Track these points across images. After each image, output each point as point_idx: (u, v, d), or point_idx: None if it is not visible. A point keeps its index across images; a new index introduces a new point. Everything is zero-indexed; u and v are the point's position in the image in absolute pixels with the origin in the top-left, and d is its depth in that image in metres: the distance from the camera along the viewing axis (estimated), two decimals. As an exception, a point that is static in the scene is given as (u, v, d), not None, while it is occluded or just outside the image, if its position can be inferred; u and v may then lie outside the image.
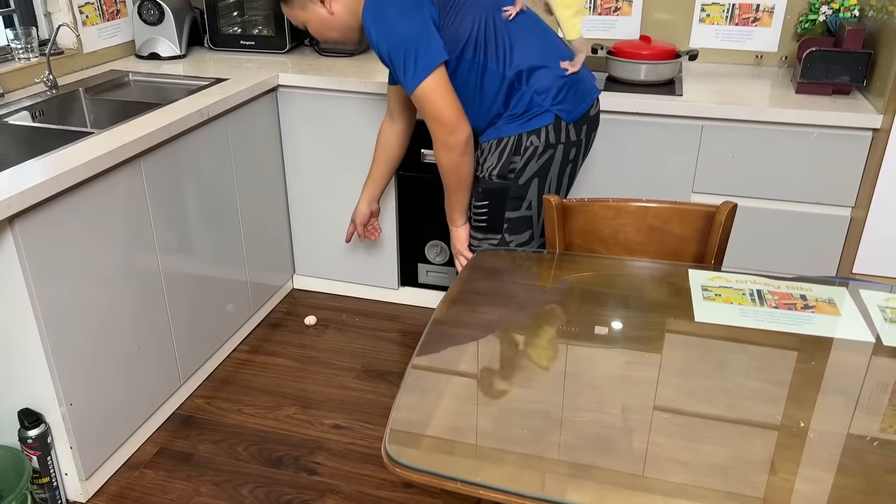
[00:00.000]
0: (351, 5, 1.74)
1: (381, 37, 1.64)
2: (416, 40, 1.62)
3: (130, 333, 1.92)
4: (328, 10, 1.75)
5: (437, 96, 1.66)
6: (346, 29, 1.80)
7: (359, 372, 2.38)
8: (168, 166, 1.99)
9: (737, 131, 2.16)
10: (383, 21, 1.63)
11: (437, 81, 1.65)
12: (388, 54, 1.66)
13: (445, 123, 1.69)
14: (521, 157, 1.78)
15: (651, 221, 1.58)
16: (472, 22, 1.72)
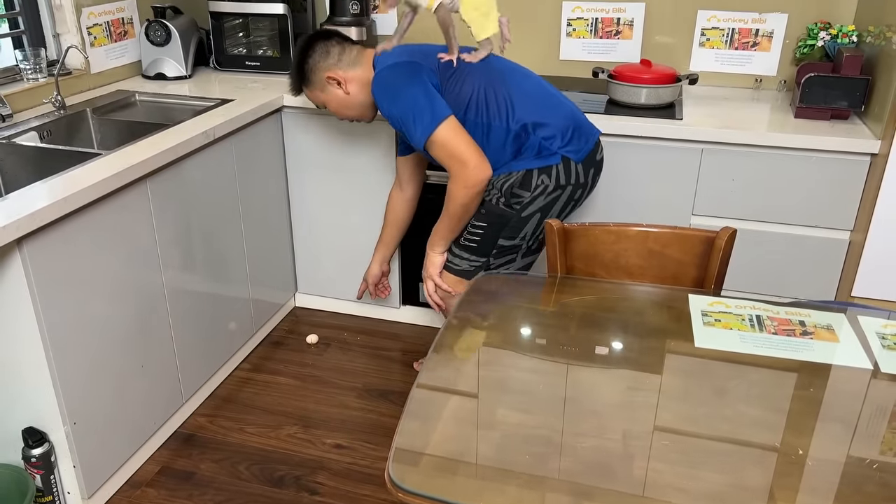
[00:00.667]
0: (364, 85, 1.95)
1: (391, 104, 1.81)
2: (422, 100, 1.78)
3: (134, 352, 1.94)
4: (345, 90, 1.96)
5: (453, 139, 1.78)
6: (361, 106, 2.00)
7: (360, 391, 2.39)
8: (173, 186, 2.01)
9: (736, 155, 2.18)
10: (391, 90, 1.80)
11: (450, 127, 1.78)
12: (399, 118, 1.81)
13: (467, 161, 1.79)
14: (530, 192, 1.87)
15: (651, 246, 1.60)
16: (471, 86, 1.86)
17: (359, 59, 1.97)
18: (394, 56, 1.90)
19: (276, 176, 2.57)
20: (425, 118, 1.77)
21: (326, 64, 1.96)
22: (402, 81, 1.80)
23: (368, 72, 1.95)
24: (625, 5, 2.61)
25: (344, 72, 1.96)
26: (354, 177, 2.55)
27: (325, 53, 1.96)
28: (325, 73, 1.97)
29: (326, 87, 1.98)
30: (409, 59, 1.86)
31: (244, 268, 2.42)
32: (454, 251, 1.99)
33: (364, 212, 2.60)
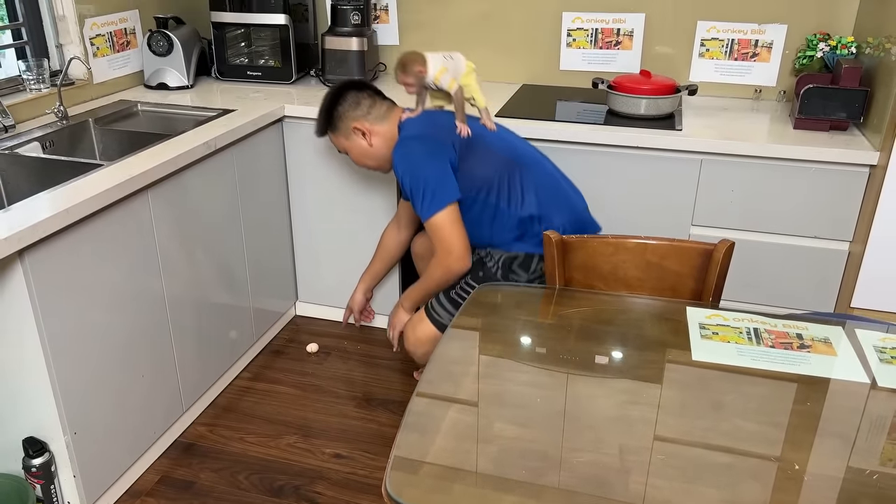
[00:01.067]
0: (387, 140, 2.02)
1: (406, 172, 1.87)
2: (435, 179, 1.85)
3: (135, 362, 1.94)
4: (369, 142, 2.02)
5: (448, 228, 1.86)
6: (381, 159, 2.06)
7: (360, 400, 2.40)
8: (174, 197, 2.02)
9: (736, 166, 2.19)
10: (410, 159, 1.88)
11: (449, 215, 1.86)
12: (409, 189, 1.87)
13: (451, 252, 1.88)
14: (528, 274, 1.97)
15: (649, 258, 1.61)
16: (487, 168, 1.94)
17: (387, 116, 2.03)
18: (420, 126, 1.96)
19: (277, 185, 2.58)
20: (435, 197, 1.85)
21: (355, 114, 2.02)
22: (422, 156, 1.87)
23: (393, 130, 2.02)
24: (625, 16, 2.62)
25: (371, 125, 2.02)
26: (355, 186, 2.56)
27: (355, 104, 2.02)
28: (352, 122, 2.02)
29: (352, 135, 2.04)
30: (433, 133, 1.92)
31: (245, 277, 2.43)
32: (441, 299, 2.01)
33: (365, 221, 2.60)
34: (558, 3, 2.67)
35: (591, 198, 2.33)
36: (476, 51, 2.82)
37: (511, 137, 2.08)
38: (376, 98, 2.05)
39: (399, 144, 1.93)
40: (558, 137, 2.28)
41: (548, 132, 2.28)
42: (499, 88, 2.73)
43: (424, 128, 1.95)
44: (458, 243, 1.87)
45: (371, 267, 2.49)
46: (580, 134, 2.26)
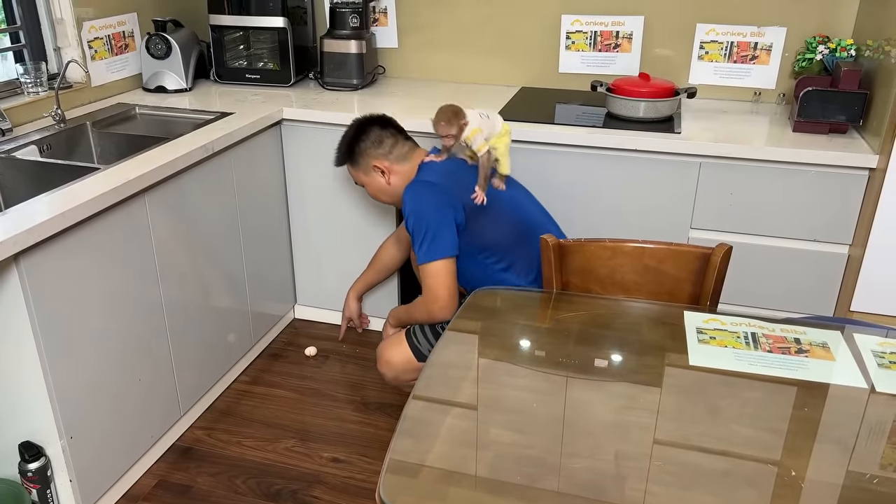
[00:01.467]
0: (406, 180, 2.00)
1: (412, 213, 1.86)
2: (436, 230, 1.84)
3: (132, 366, 1.94)
4: (387, 180, 2.02)
5: (438, 278, 1.86)
6: (397, 197, 2.05)
7: (358, 404, 2.39)
8: (172, 200, 2.01)
9: (735, 169, 2.18)
10: (418, 202, 1.86)
11: (444, 266, 1.85)
12: (412, 228, 1.87)
13: (437, 300, 1.87)
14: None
15: (647, 262, 1.60)
16: (496, 234, 1.92)
17: (408, 156, 2.02)
18: (438, 173, 1.93)
19: (275, 188, 2.57)
20: (430, 247, 1.84)
21: (377, 152, 2.01)
22: (430, 204, 1.86)
23: (413, 171, 2.00)
24: (624, 18, 2.62)
25: (391, 164, 2.01)
26: (354, 189, 2.55)
27: (378, 142, 2.01)
28: (373, 160, 2.01)
29: (371, 172, 2.03)
30: (447, 186, 1.88)
31: (243, 280, 2.43)
32: (423, 328, 2.00)
33: (364, 224, 2.60)
34: (557, 6, 2.66)
35: (589, 201, 2.33)
36: (475, 53, 2.82)
37: (525, 202, 2.05)
38: (399, 137, 2.04)
39: (412, 184, 1.91)
40: (557, 140, 2.27)
41: (546, 135, 2.28)
42: (497, 91, 2.73)
43: (442, 177, 1.91)
44: (444, 294, 1.86)
45: (364, 276, 2.48)
46: (579, 137, 2.25)
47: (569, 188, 2.34)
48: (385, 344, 2.06)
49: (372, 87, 2.79)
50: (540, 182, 2.33)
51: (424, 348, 1.98)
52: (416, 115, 2.38)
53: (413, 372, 2.01)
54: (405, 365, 2.00)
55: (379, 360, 2.06)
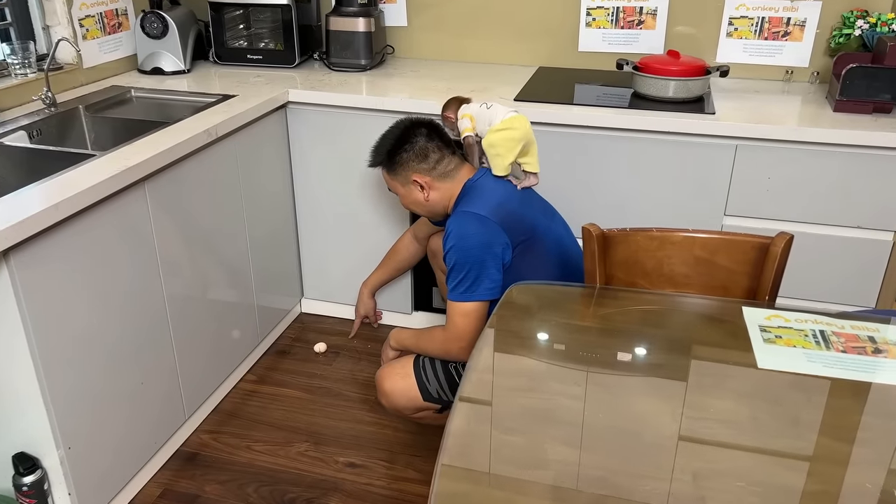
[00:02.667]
0: (445, 197, 1.81)
1: (457, 248, 1.68)
2: (478, 271, 1.66)
3: (133, 368, 1.80)
4: (425, 196, 1.81)
5: (469, 318, 1.69)
6: (433, 212, 1.88)
7: (373, 403, 2.26)
8: (173, 189, 1.87)
9: (773, 151, 2.05)
10: (464, 238, 1.67)
11: (475, 309, 1.69)
12: (451, 262, 1.69)
13: (461, 340, 1.71)
14: None
15: (698, 253, 1.47)
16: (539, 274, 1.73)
17: (453, 175, 1.80)
18: (488, 204, 1.70)
19: (281, 175, 2.43)
20: (467, 287, 1.68)
21: (419, 167, 1.79)
22: (476, 242, 1.66)
23: (456, 189, 1.80)
24: (648, -7, 2.47)
25: (432, 180, 1.79)
26: (364, 176, 2.41)
27: (422, 156, 1.78)
28: (413, 174, 1.79)
29: (409, 184, 1.81)
30: (498, 220, 1.68)
31: (248, 273, 2.29)
32: (435, 364, 1.83)
33: (374, 212, 2.46)
34: (577, -19, 2.52)
35: (613, 188, 2.20)
36: (489, 32, 2.67)
37: (566, 237, 1.87)
38: (445, 151, 1.79)
39: (460, 215, 1.70)
40: (579, 122, 2.13)
41: (567, 117, 2.13)
42: (514, 72, 2.58)
43: (493, 209, 1.69)
44: (469, 336, 1.69)
45: (378, 272, 2.33)
46: (603, 118, 2.11)
47: (591, 174, 2.20)
48: (387, 371, 1.88)
49: (381, 67, 2.64)
50: (559, 167, 2.20)
51: (434, 388, 1.82)
52: (428, 98, 2.24)
53: (416, 410, 1.87)
54: (408, 402, 1.84)
55: (379, 390, 1.89)
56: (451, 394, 1.82)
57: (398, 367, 1.87)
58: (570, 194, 2.20)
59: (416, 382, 1.82)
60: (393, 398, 1.85)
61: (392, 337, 1.97)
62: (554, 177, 2.19)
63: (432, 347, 1.80)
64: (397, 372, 1.85)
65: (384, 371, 1.88)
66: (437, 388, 1.82)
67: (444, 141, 1.82)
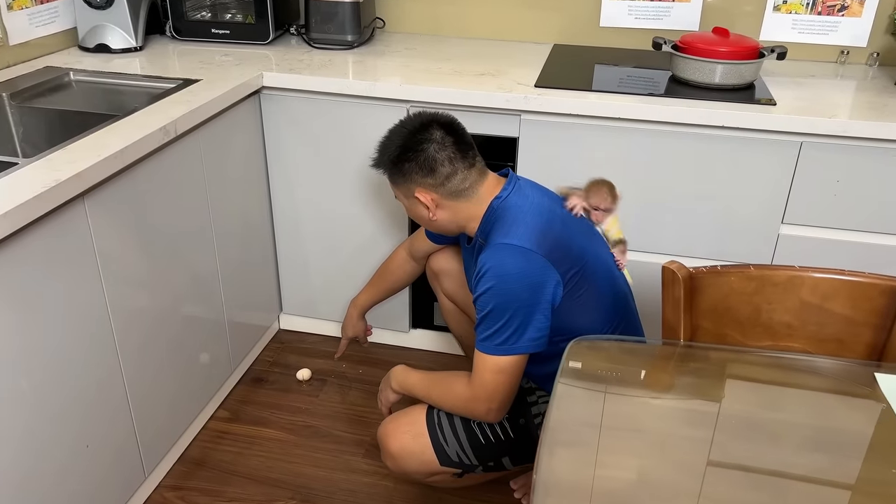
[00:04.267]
0: (459, 217, 1.44)
1: (494, 290, 1.31)
2: (526, 318, 1.31)
3: (77, 431, 1.43)
4: (430, 215, 1.44)
5: (504, 374, 1.35)
6: (443, 231, 1.51)
7: (368, 446, 1.92)
8: (122, 204, 1.49)
9: (844, 150, 1.73)
10: (506, 279, 1.31)
11: (512, 364, 1.35)
12: (490, 309, 1.32)
13: (493, 401, 1.37)
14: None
15: (806, 297, 1.15)
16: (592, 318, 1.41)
17: (469, 194, 1.40)
18: (533, 232, 1.34)
19: (255, 176, 2.05)
20: (506, 339, 1.32)
21: (424, 181, 1.39)
22: (522, 284, 1.31)
23: (478, 209, 1.42)
24: (683, -41, 2.12)
25: (440, 198, 1.41)
26: (350, 175, 2.04)
27: (428, 170, 1.38)
28: (417, 188, 1.41)
29: (412, 198, 1.43)
30: (548, 251, 1.33)
31: (218, 289, 1.92)
32: (455, 423, 1.49)
33: (363, 217, 2.10)
34: (599, -56, 2.16)
35: (642, 191, 1.86)
36: (495, 2, 2.29)
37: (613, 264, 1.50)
38: (459, 165, 1.38)
39: (498, 248, 1.33)
40: (600, 113, 1.79)
41: (592, 107, 1.79)
42: (525, 50, 2.21)
43: (539, 237, 1.33)
44: (502, 397, 1.37)
45: (369, 289, 1.94)
46: (629, 108, 1.77)
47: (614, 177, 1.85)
48: (391, 428, 1.52)
49: (370, 44, 2.25)
50: (574, 168, 1.86)
51: (453, 450, 1.48)
52: (428, 83, 1.88)
53: (430, 475, 1.53)
54: (420, 466, 1.50)
55: (383, 450, 1.53)
56: (473, 457, 1.49)
57: (406, 422, 1.52)
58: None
59: (430, 443, 1.48)
60: (402, 462, 1.51)
61: (394, 378, 1.59)
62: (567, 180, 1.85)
63: (451, 404, 1.45)
64: (406, 430, 1.50)
65: (388, 427, 1.53)
66: (456, 450, 1.48)
67: (460, 149, 1.39)
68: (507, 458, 1.51)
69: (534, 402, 1.51)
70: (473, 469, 1.50)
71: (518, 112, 1.85)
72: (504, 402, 1.37)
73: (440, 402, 1.47)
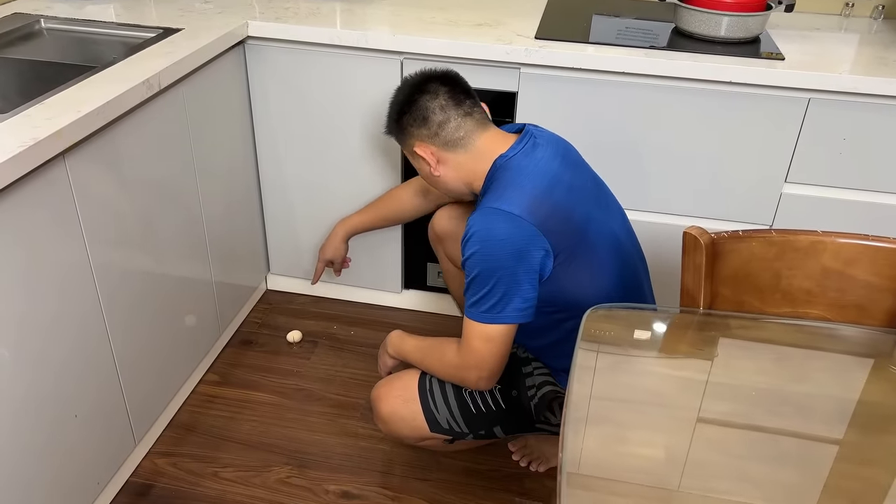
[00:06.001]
0: (463, 174, 1.38)
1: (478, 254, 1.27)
2: (511, 288, 1.27)
3: (64, 400, 1.37)
4: (432, 170, 1.39)
5: (492, 343, 1.32)
6: (449, 191, 1.45)
7: (364, 409, 1.89)
8: (103, 163, 1.40)
9: (851, 107, 1.69)
10: (490, 245, 1.26)
11: (500, 334, 1.31)
12: (474, 275, 1.28)
13: (480, 369, 1.34)
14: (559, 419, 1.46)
15: (828, 263, 1.11)
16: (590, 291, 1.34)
17: (466, 144, 1.35)
18: (526, 196, 1.27)
19: (240, 131, 1.96)
20: (492, 307, 1.28)
21: (419, 133, 1.36)
22: (507, 251, 1.25)
23: (480, 162, 1.35)
24: None
25: (437, 149, 1.36)
26: (341, 129, 1.96)
27: (421, 119, 1.35)
28: (415, 142, 1.37)
29: (415, 155, 1.39)
30: (540, 217, 1.26)
31: (204, 248, 1.84)
32: (446, 390, 1.46)
33: (352, 173, 2.02)
34: None
35: (641, 148, 1.81)
36: (489, -51, 2.19)
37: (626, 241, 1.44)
38: (452, 112, 1.34)
39: (485, 212, 1.27)
40: (601, 67, 1.72)
41: (591, 60, 1.72)
42: (518, 1, 2.12)
43: (533, 203, 1.27)
44: (494, 365, 1.34)
45: (363, 214, 1.87)
46: (633, 63, 1.71)
47: (615, 134, 1.81)
48: (384, 391, 1.50)
49: None
50: (576, 126, 1.80)
51: (443, 417, 1.45)
52: (421, 33, 1.79)
53: (421, 439, 1.51)
54: (411, 431, 1.48)
55: (375, 413, 1.51)
56: (464, 425, 1.46)
57: (398, 386, 1.48)
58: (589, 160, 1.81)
59: (421, 409, 1.45)
60: (392, 425, 1.48)
61: (390, 344, 1.56)
62: (570, 138, 1.79)
63: (443, 371, 1.41)
64: (397, 395, 1.47)
65: (381, 390, 1.50)
66: (447, 418, 1.45)
67: (453, 97, 1.35)
68: (499, 427, 1.48)
69: (529, 374, 1.48)
70: (464, 437, 1.48)
71: (518, 65, 1.78)
72: (494, 371, 1.34)
73: (433, 368, 1.44)
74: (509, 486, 1.69)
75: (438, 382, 1.47)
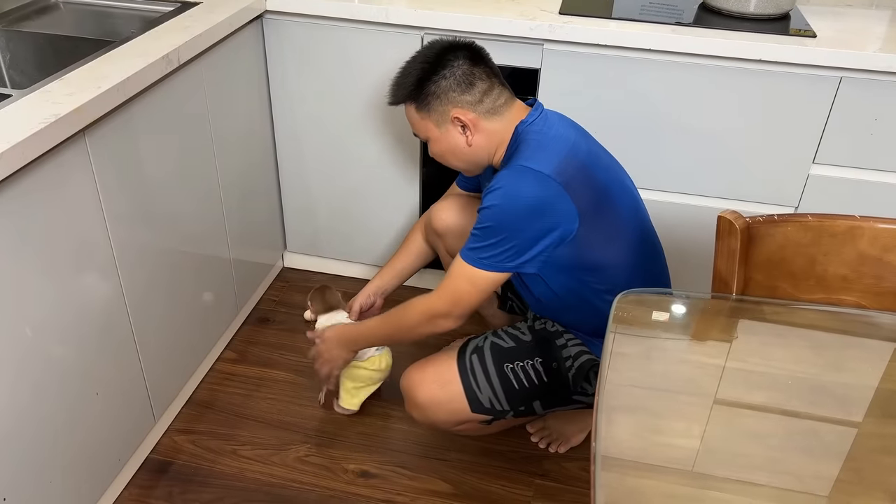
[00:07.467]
0: (492, 142, 1.38)
1: (497, 207, 1.28)
2: (521, 244, 1.29)
3: (85, 379, 1.37)
4: (467, 140, 1.38)
5: (473, 289, 1.34)
6: (475, 163, 1.43)
7: (380, 388, 1.88)
8: (123, 138, 1.38)
9: (884, 86, 1.65)
10: (515, 197, 1.27)
11: (487, 280, 1.33)
12: (487, 221, 1.30)
13: (454, 305, 1.36)
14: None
15: (865, 249, 1.09)
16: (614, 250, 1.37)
17: (503, 111, 1.37)
18: (555, 157, 1.29)
19: (257, 107, 1.93)
20: (492, 255, 1.31)
21: (462, 98, 1.34)
22: (527, 209, 1.27)
23: (506, 133, 1.37)
24: None
25: (478, 117, 1.35)
26: (359, 106, 1.93)
27: (466, 84, 1.34)
28: (454, 108, 1.35)
29: (447, 125, 1.37)
30: (564, 183, 1.27)
31: (222, 225, 1.83)
32: (490, 368, 1.45)
33: (369, 150, 2.00)
34: None
35: (665, 128, 1.78)
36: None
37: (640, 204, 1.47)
38: (494, 81, 1.37)
39: (517, 170, 1.28)
40: (626, 43, 1.68)
41: (613, 35, 1.68)
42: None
43: (561, 164, 1.29)
44: (465, 308, 1.36)
45: (394, 264, 1.82)
46: (659, 39, 1.67)
47: (638, 113, 1.78)
48: (418, 378, 1.47)
49: None
50: (599, 104, 1.76)
51: (486, 396, 1.44)
52: (444, 8, 1.75)
53: (459, 423, 1.49)
54: (449, 415, 1.46)
55: (409, 401, 1.50)
56: (506, 402, 1.45)
57: (433, 371, 1.47)
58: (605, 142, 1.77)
59: (461, 390, 1.44)
60: (429, 412, 1.47)
61: (338, 343, 1.58)
62: (594, 118, 1.76)
63: (411, 325, 1.42)
64: (434, 379, 1.46)
65: (414, 378, 1.48)
66: (489, 396, 1.44)
67: (490, 69, 1.38)
68: (538, 402, 1.47)
69: (563, 346, 1.47)
70: (504, 415, 1.47)
71: (541, 41, 1.74)
72: (464, 313, 1.36)
73: (402, 329, 1.45)
74: (528, 467, 1.68)
75: (480, 362, 1.46)
